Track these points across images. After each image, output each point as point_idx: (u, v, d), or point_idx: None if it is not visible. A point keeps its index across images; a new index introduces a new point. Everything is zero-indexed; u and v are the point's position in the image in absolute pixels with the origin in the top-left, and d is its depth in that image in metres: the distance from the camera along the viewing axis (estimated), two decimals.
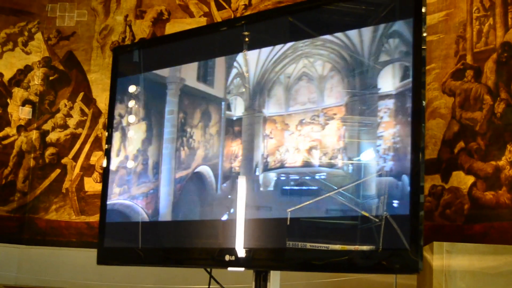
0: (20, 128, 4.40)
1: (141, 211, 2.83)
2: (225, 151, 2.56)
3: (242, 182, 2.47)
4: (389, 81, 2.09)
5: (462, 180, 3.06)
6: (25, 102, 4.43)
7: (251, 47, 2.54)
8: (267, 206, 2.37)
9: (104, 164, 2.96)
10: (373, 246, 2.06)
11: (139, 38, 4.29)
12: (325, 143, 2.23)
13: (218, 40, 2.73)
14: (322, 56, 2.31)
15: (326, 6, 2.39)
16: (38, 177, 4.36)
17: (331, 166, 2.19)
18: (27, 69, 4.47)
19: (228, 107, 2.59)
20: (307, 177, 2.25)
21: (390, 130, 2.06)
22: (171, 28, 4.22)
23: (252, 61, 2.53)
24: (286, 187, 2.33)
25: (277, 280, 2.39)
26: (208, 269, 2.65)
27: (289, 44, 2.41)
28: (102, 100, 4.31)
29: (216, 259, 2.46)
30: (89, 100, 4.38)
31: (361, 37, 2.18)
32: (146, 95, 2.90)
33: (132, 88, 2.91)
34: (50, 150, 4.37)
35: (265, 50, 2.48)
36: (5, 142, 4.36)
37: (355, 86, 2.17)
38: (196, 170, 2.68)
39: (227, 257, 2.40)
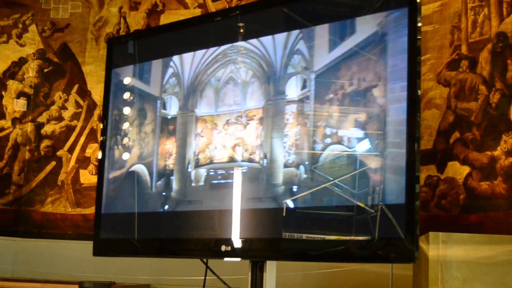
0: (15, 121, 4.39)
1: None
2: (160, 149, 2.76)
3: (238, 174, 2.48)
4: (293, 89, 2.40)
5: (458, 171, 3.06)
6: (19, 95, 4.42)
7: (246, 37, 2.54)
8: (199, 200, 2.60)
9: (100, 156, 2.96)
10: (369, 236, 2.07)
11: (134, 30, 4.28)
12: (246, 141, 2.51)
13: (212, 30, 2.73)
14: (246, 64, 2.55)
15: None
16: (33, 170, 4.35)
17: (251, 160, 2.48)
18: (22, 61, 4.45)
19: (164, 106, 2.78)
20: (231, 171, 2.52)
21: (293, 130, 2.36)
22: (165, 20, 4.21)
23: (187, 62, 2.73)
24: (214, 181, 2.57)
25: (273, 270, 2.39)
26: (205, 260, 2.66)
27: (221, 49, 2.64)
28: (97, 92, 4.30)
29: (212, 249, 2.47)
30: (84, 92, 4.37)
31: (275, 51, 2.47)
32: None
33: (127, 80, 2.91)
34: (45, 143, 4.37)
35: (199, 53, 2.70)
36: (0, 134, 4.36)
37: (270, 92, 2.47)
38: (131, 169, 2.81)
39: (223, 248, 2.41)
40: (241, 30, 2.56)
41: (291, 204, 2.30)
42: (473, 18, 3.12)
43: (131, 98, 2.87)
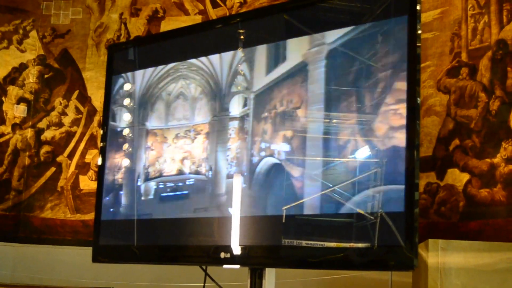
0: (15, 127, 4.39)
1: None
2: (109, 163, 2.84)
3: (237, 181, 2.48)
4: (236, 107, 2.51)
5: (457, 178, 3.06)
6: (20, 100, 4.42)
7: (246, 44, 2.55)
8: (148, 213, 2.70)
9: (99, 162, 2.95)
10: (368, 244, 2.07)
11: (134, 36, 4.29)
12: (194, 154, 2.62)
13: (213, 38, 2.73)
14: (195, 80, 2.65)
15: (321, 4, 2.40)
16: (33, 176, 4.35)
17: (197, 173, 2.59)
18: (22, 67, 4.46)
19: (113, 118, 2.86)
20: (180, 184, 2.62)
21: (235, 144, 2.49)
22: (166, 26, 4.21)
23: (139, 74, 2.82)
24: (164, 194, 2.67)
25: (273, 277, 2.39)
26: (204, 267, 2.65)
27: (171, 64, 2.74)
28: (97, 98, 4.30)
29: (211, 256, 2.46)
30: (84, 98, 4.37)
31: (222, 70, 2.59)
32: None
33: (127, 86, 2.91)
34: (45, 148, 4.37)
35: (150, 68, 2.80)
36: (0, 140, 4.36)
37: (216, 108, 2.59)
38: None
39: (222, 255, 2.40)
40: (241, 37, 2.57)
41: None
42: (473, 25, 3.13)
43: (131, 104, 2.87)
